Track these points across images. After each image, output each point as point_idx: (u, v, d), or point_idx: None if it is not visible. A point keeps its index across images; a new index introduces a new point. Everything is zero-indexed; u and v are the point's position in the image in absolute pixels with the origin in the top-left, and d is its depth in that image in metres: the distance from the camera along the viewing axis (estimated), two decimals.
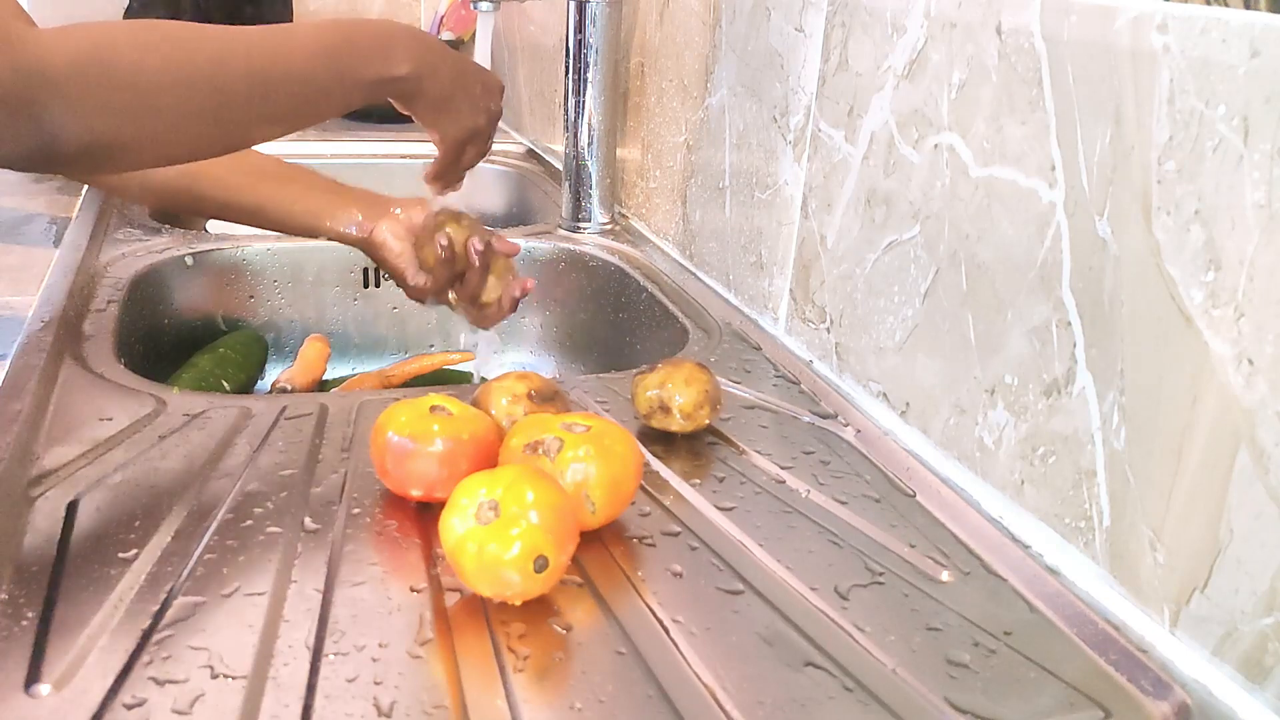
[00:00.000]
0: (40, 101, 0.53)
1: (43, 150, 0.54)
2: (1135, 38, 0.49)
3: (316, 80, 0.65)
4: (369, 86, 0.68)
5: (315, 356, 0.99)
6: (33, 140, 0.53)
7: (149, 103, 0.57)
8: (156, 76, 0.57)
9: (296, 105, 0.65)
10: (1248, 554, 0.44)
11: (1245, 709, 0.45)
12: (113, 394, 0.67)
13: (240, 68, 0.61)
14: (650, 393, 0.66)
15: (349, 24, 0.69)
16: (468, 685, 0.44)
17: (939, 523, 0.58)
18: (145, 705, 0.41)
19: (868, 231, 0.71)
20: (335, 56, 0.66)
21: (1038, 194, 0.55)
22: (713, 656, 0.46)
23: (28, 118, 0.53)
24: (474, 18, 0.99)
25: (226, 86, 0.60)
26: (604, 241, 1.09)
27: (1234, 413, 0.44)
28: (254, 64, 0.61)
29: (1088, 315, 0.52)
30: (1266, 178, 0.43)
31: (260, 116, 0.63)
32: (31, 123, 0.53)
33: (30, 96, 0.52)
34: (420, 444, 0.55)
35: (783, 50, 0.81)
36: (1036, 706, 0.45)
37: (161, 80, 0.57)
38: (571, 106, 1.09)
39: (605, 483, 0.53)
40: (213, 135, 0.62)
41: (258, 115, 0.63)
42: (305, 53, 0.64)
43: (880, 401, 0.71)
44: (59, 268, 0.89)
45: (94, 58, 0.54)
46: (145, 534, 0.52)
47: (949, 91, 0.62)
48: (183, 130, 0.59)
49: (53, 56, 0.53)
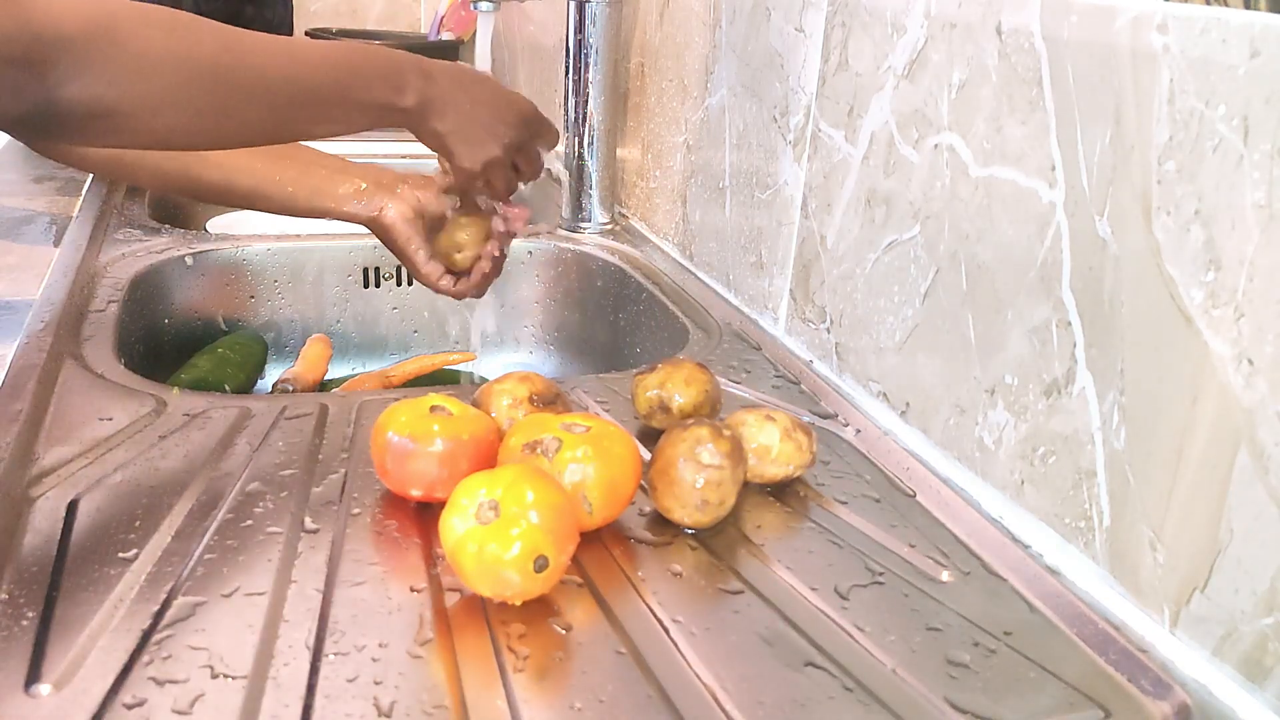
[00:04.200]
0: (48, 61, 0.54)
1: (43, 110, 0.55)
2: (1135, 38, 0.49)
3: (320, 92, 0.65)
4: (374, 110, 0.68)
5: (317, 356, 0.99)
6: (35, 99, 0.54)
7: (152, 77, 0.57)
8: (161, 54, 0.57)
9: (299, 113, 0.65)
10: (1248, 554, 0.44)
11: (1245, 709, 0.45)
12: (113, 394, 0.67)
13: (245, 62, 0.61)
14: (650, 393, 0.66)
15: (361, 47, 0.69)
16: (468, 685, 0.44)
17: (939, 523, 0.58)
18: (145, 705, 0.41)
19: (868, 231, 0.71)
20: (341, 72, 0.66)
21: (1038, 194, 0.55)
22: (713, 656, 0.46)
23: (34, 76, 0.53)
24: (474, 18, 0.99)
25: (230, 77, 0.61)
26: (604, 241, 1.09)
27: (1234, 413, 0.44)
28: (259, 62, 0.62)
29: (1088, 315, 0.52)
30: (1266, 178, 0.43)
31: (261, 114, 0.63)
32: (36, 81, 0.54)
33: (38, 55, 0.53)
34: (420, 444, 0.55)
35: (783, 50, 0.81)
36: (1036, 706, 0.45)
37: (165, 58, 0.58)
38: (571, 106, 1.09)
39: (603, 483, 0.53)
40: (213, 124, 0.62)
41: (259, 112, 0.63)
42: (311, 63, 0.65)
43: (880, 401, 0.71)
44: (59, 267, 0.89)
45: (103, 25, 0.55)
46: (145, 534, 0.52)
47: (949, 91, 0.62)
48: (183, 109, 0.60)
49: (63, 20, 0.54)
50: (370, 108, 0.68)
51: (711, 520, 0.56)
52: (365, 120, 0.68)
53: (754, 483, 0.60)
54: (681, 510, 0.55)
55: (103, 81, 0.55)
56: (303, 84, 0.64)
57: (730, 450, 0.55)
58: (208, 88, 0.60)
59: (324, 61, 0.65)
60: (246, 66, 0.61)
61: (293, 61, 0.64)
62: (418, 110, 0.69)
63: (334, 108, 0.66)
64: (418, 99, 0.69)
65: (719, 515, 0.56)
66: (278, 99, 0.63)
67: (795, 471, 0.60)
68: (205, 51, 0.60)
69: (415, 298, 1.10)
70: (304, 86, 0.64)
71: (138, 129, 0.59)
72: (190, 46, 0.59)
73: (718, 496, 0.55)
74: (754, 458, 0.59)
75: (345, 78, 0.66)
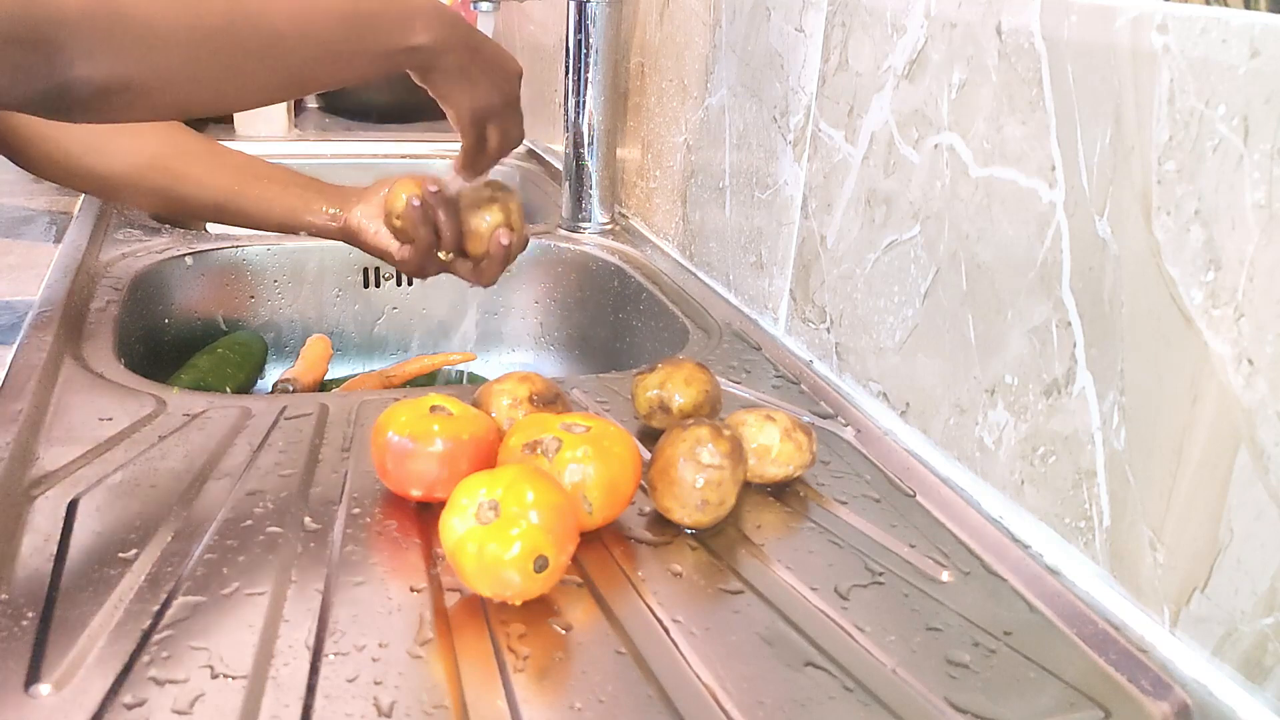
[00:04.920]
0: (54, 41, 0.53)
1: (56, 91, 0.55)
2: (1135, 38, 0.49)
3: (334, 43, 0.65)
4: (387, 56, 0.67)
5: (318, 356, 0.99)
6: (46, 80, 0.54)
7: (162, 48, 0.57)
8: (169, 24, 0.57)
9: (313, 67, 0.65)
10: (1248, 554, 0.44)
11: (1245, 709, 0.45)
12: (113, 394, 0.67)
13: (256, 22, 0.61)
14: (650, 393, 0.66)
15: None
16: (468, 685, 0.44)
17: (939, 523, 0.58)
18: (145, 705, 0.41)
19: (868, 231, 0.71)
20: (354, 21, 0.65)
21: (1038, 194, 0.55)
22: (713, 656, 0.46)
23: (42, 57, 0.53)
24: (474, 18, 0.99)
25: (241, 38, 0.60)
26: (604, 241, 1.09)
27: (1234, 413, 0.44)
28: (270, 19, 0.62)
29: (1088, 315, 0.52)
30: (1266, 178, 0.43)
31: (275, 73, 0.63)
32: (45, 63, 0.53)
33: (44, 36, 0.53)
34: (420, 444, 0.55)
35: (783, 50, 0.81)
36: (1036, 706, 0.45)
37: (174, 28, 0.57)
38: (571, 106, 1.09)
39: (603, 484, 0.53)
40: (227, 86, 0.62)
41: (273, 71, 0.63)
42: (323, 15, 0.64)
43: (880, 401, 0.71)
44: (59, 267, 0.89)
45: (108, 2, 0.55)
46: (145, 534, 0.52)
47: (949, 91, 0.62)
48: (196, 78, 0.60)
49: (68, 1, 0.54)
50: (384, 55, 0.67)
51: (711, 520, 0.56)
52: (380, 68, 0.68)
53: (754, 483, 0.60)
54: (681, 510, 0.55)
55: (112, 56, 0.55)
56: (315, 38, 0.64)
57: (730, 450, 0.55)
58: (219, 53, 0.60)
59: (335, 12, 0.65)
60: (256, 27, 0.61)
61: (303, 16, 0.63)
62: (431, 49, 0.68)
63: (349, 59, 0.66)
64: (431, 37, 0.68)
65: (719, 515, 0.56)
66: (291, 57, 0.63)
67: (795, 471, 0.60)
68: (213, 16, 0.59)
69: (415, 298, 1.10)
70: (317, 41, 0.64)
71: (154, 101, 0.59)
72: (197, 13, 0.59)
73: (718, 496, 0.55)
74: (754, 458, 0.59)
75: (359, 28, 0.66)
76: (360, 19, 0.66)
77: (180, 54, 0.58)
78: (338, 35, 0.65)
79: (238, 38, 0.60)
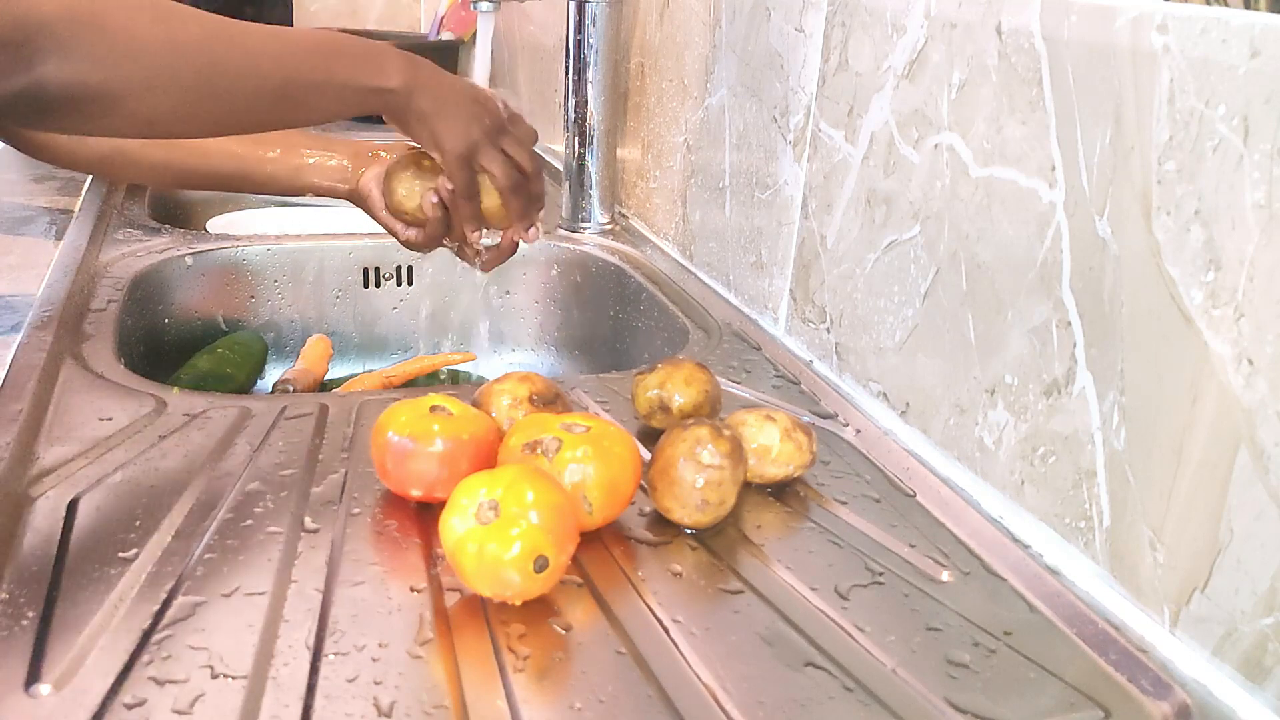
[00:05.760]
0: (32, 43, 0.54)
1: (30, 93, 0.55)
2: (1135, 38, 0.49)
3: (307, 76, 0.66)
4: (359, 94, 0.68)
5: (318, 355, 0.99)
6: (21, 81, 0.55)
7: (138, 59, 0.58)
8: (147, 37, 0.58)
9: (285, 97, 0.66)
10: (1248, 554, 0.44)
11: (1245, 709, 0.45)
12: (113, 394, 0.67)
13: (232, 47, 0.62)
14: (650, 393, 0.66)
15: (343, 35, 0.70)
16: (468, 685, 0.44)
17: (939, 523, 0.58)
18: (145, 705, 0.41)
19: (868, 231, 0.71)
20: (327, 57, 0.67)
21: (1038, 194, 0.55)
22: (713, 656, 0.46)
23: (19, 58, 0.54)
24: (474, 18, 0.99)
25: (216, 55, 0.61)
26: (604, 241, 1.09)
27: (1234, 413, 0.44)
28: (246, 46, 0.63)
29: (1088, 315, 0.52)
30: (1266, 178, 0.43)
31: (248, 96, 0.64)
32: (22, 64, 0.54)
33: (22, 37, 0.54)
34: (420, 444, 0.55)
35: (783, 50, 0.81)
36: (1036, 706, 0.45)
37: (152, 41, 0.58)
38: (571, 106, 1.09)
39: (603, 484, 0.53)
40: (200, 104, 0.62)
41: (247, 98, 0.64)
42: (298, 48, 0.66)
43: (880, 401, 0.71)
44: (59, 267, 0.89)
45: (87, 8, 0.56)
46: (145, 534, 0.52)
47: (949, 91, 0.62)
48: (170, 91, 0.60)
49: (46, 2, 0.54)
50: (357, 91, 0.68)
51: (711, 520, 0.56)
52: (351, 104, 0.69)
53: (754, 483, 0.60)
54: (681, 510, 0.55)
55: (88, 64, 0.56)
56: (290, 68, 0.65)
57: (730, 450, 0.55)
58: (195, 71, 0.60)
59: (310, 46, 0.66)
60: (233, 51, 0.62)
61: (279, 47, 0.65)
62: (403, 91, 0.70)
63: (321, 92, 0.67)
64: (402, 80, 0.69)
65: (719, 515, 0.56)
66: (265, 84, 0.64)
67: (795, 471, 0.60)
68: (192, 35, 0.60)
69: (415, 298, 1.10)
70: (291, 71, 0.65)
71: (125, 113, 0.59)
72: (176, 30, 0.59)
73: (718, 496, 0.55)
74: (754, 458, 0.59)
75: (331, 62, 0.67)
76: (334, 55, 0.68)
77: (155, 64, 0.59)
78: (312, 67, 0.66)
79: (213, 55, 0.61)
